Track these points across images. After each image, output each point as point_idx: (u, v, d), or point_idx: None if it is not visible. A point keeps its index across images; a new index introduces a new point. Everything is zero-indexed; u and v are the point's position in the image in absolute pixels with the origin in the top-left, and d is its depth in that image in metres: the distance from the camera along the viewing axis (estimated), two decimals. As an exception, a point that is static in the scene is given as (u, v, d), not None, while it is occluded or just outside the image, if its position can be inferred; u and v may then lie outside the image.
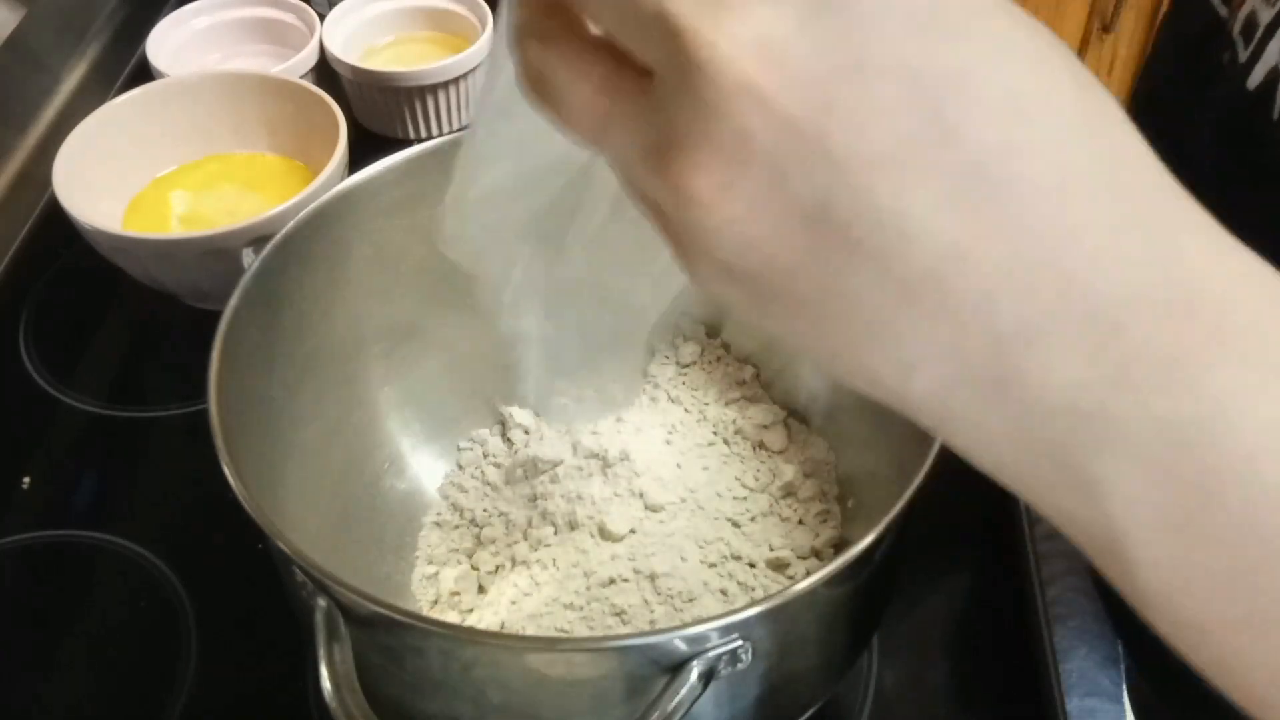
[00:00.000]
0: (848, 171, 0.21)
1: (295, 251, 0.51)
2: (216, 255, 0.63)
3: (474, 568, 0.55)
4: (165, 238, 0.67)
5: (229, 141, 0.75)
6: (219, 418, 0.43)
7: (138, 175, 0.73)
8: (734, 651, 0.39)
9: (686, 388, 0.61)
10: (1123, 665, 0.59)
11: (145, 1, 0.94)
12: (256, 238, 0.63)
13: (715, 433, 0.59)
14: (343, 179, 0.54)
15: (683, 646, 0.38)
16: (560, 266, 0.35)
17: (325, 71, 0.83)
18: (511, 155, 0.31)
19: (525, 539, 0.55)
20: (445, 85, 0.81)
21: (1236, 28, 0.44)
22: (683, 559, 0.53)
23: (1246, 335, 0.22)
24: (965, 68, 0.21)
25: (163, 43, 0.82)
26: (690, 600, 0.51)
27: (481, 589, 0.54)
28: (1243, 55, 0.43)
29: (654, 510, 0.55)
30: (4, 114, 0.81)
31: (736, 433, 0.59)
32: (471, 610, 0.53)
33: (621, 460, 0.57)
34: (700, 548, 0.54)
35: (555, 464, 0.57)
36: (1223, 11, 0.45)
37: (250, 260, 0.49)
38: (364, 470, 0.56)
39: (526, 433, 0.60)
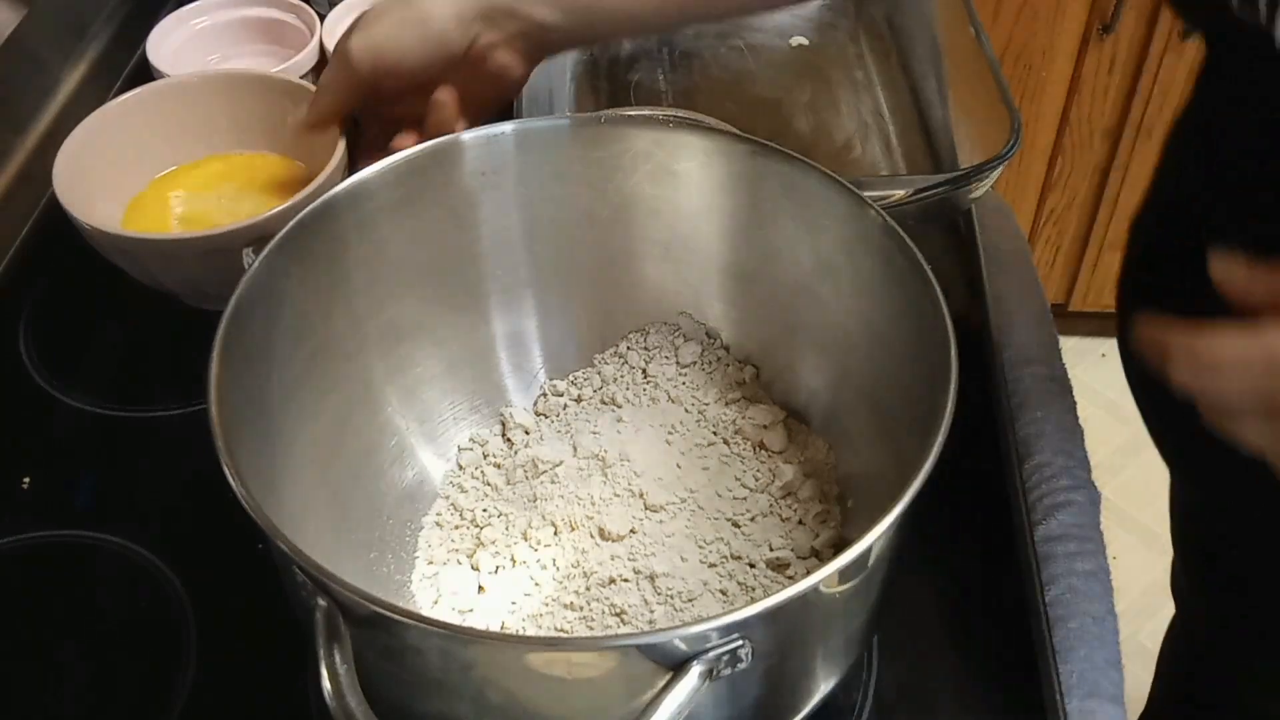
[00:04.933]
0: None
1: (295, 251, 0.51)
2: (216, 255, 0.63)
3: (474, 568, 0.55)
4: (165, 237, 0.67)
5: (229, 141, 0.75)
6: (219, 418, 0.43)
7: (138, 175, 0.73)
8: (734, 651, 0.39)
9: (687, 388, 0.61)
10: (1121, 669, 0.59)
11: (145, 1, 0.94)
12: (257, 238, 0.62)
13: (715, 433, 0.59)
14: (343, 179, 0.54)
15: (683, 646, 0.38)
16: None
17: (325, 71, 0.83)
18: None
19: (525, 539, 0.55)
20: (445, 85, 0.81)
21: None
22: (683, 559, 0.53)
23: None
24: None
25: (163, 43, 0.82)
26: (690, 600, 0.51)
27: (481, 589, 0.54)
28: None
29: (654, 510, 0.55)
30: (4, 114, 0.81)
31: (736, 433, 0.59)
32: (471, 610, 0.53)
33: (621, 461, 0.57)
34: (700, 548, 0.54)
35: (555, 464, 0.57)
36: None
37: (250, 260, 0.49)
38: (364, 470, 0.56)
39: (527, 433, 0.60)
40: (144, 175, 0.73)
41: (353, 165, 0.64)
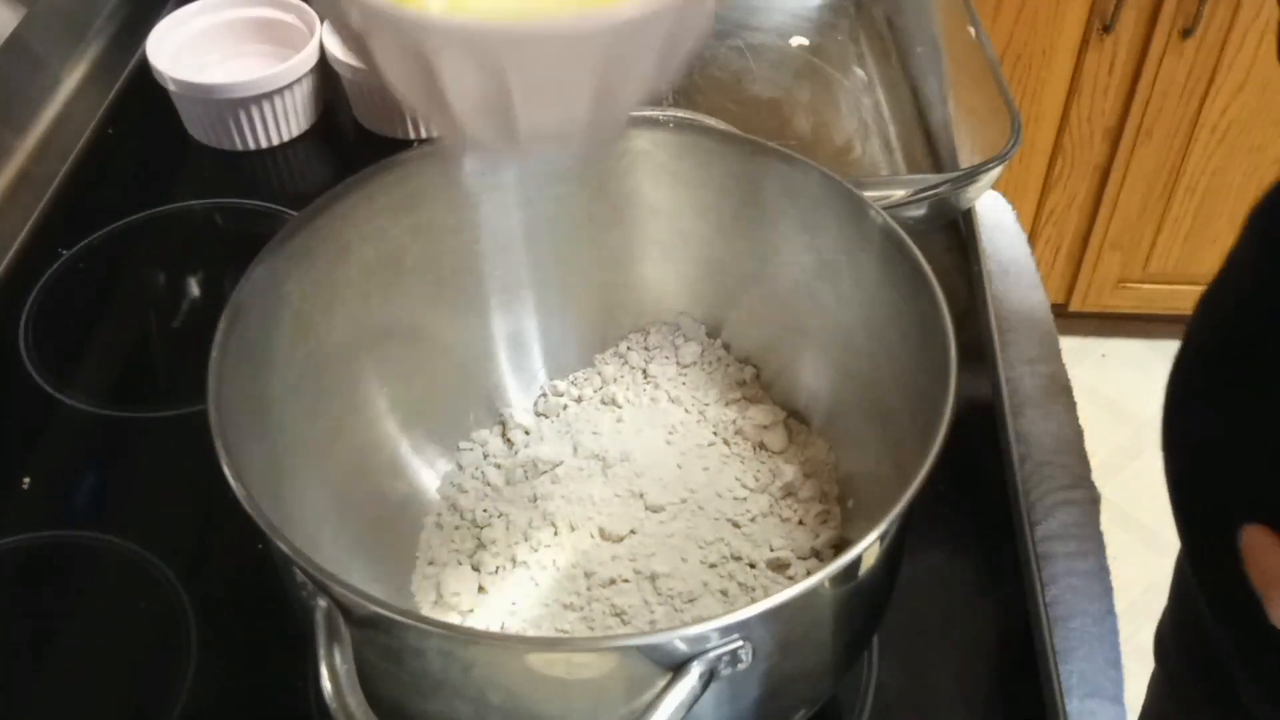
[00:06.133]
0: None
1: (295, 251, 0.51)
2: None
3: (474, 568, 0.55)
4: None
5: None
6: (219, 418, 0.43)
7: None
8: (734, 652, 0.39)
9: (687, 388, 0.61)
10: (1122, 668, 0.59)
11: (145, 1, 0.94)
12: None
13: (715, 433, 0.59)
14: None
15: (683, 647, 0.38)
16: None
17: (325, 71, 0.83)
18: None
19: (526, 540, 0.55)
20: (445, 85, 0.80)
21: None
22: (683, 559, 0.53)
23: None
24: None
25: (163, 43, 0.82)
26: (690, 601, 0.51)
27: (482, 589, 0.54)
28: None
29: (654, 511, 0.55)
30: (4, 114, 0.81)
31: (737, 433, 0.59)
32: (471, 611, 0.53)
33: (622, 461, 0.57)
34: (700, 548, 0.54)
35: (556, 465, 0.57)
36: None
37: None
38: (364, 471, 0.56)
39: (527, 433, 0.60)
40: None
41: None
